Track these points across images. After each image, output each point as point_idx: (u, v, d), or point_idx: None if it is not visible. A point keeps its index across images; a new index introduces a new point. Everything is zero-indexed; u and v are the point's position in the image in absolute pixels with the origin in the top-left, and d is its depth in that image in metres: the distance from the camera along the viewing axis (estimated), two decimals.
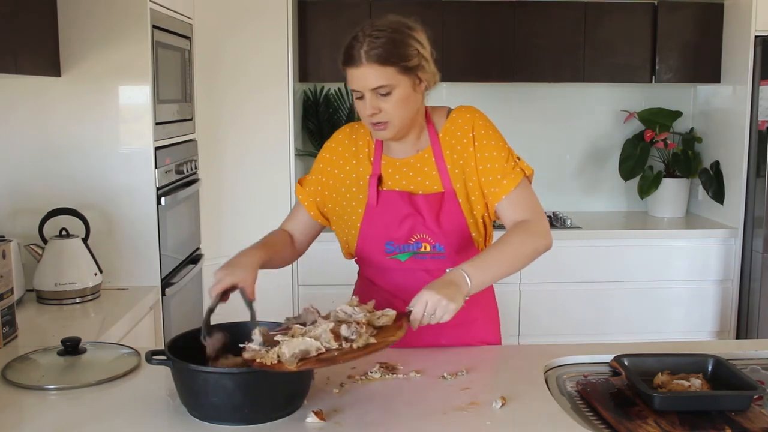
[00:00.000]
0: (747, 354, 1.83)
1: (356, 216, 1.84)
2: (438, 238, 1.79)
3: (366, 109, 1.71)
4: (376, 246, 1.82)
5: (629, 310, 4.00)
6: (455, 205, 1.79)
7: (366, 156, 1.86)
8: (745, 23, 3.85)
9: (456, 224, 1.80)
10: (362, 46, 1.67)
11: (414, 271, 1.81)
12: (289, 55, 3.68)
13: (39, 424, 1.43)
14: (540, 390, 1.58)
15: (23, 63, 2.26)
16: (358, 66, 1.68)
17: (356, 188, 1.85)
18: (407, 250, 1.81)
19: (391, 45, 1.68)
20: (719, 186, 4.09)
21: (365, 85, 1.69)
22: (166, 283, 2.71)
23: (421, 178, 1.82)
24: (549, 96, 4.47)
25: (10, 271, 1.95)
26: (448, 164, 1.81)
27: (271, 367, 1.36)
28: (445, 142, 1.83)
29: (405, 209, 1.79)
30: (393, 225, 1.80)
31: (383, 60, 1.67)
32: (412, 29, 1.75)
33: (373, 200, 1.81)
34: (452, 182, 1.80)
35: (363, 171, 1.85)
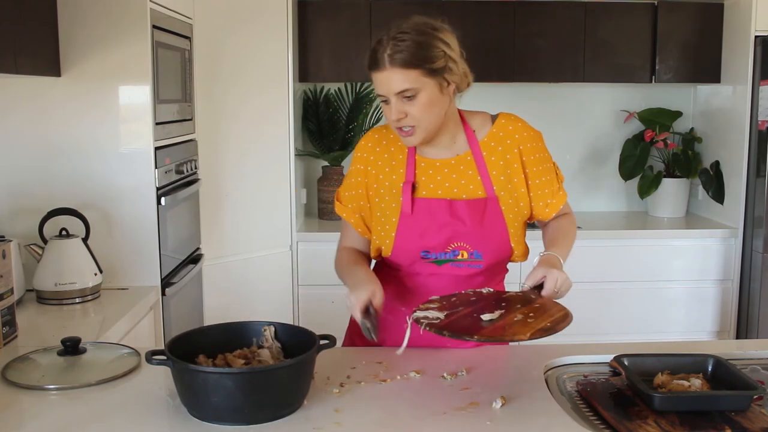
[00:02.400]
0: (747, 354, 1.83)
1: (390, 225, 1.79)
2: (477, 245, 1.77)
3: (392, 113, 1.68)
4: (412, 254, 1.79)
5: (629, 310, 4.00)
6: (498, 211, 1.77)
7: (400, 162, 1.81)
8: (745, 23, 3.85)
9: (498, 232, 1.78)
10: (386, 50, 1.64)
11: (448, 275, 1.80)
12: (289, 55, 3.68)
13: (39, 424, 1.43)
14: (540, 390, 1.58)
15: (23, 63, 2.26)
16: (381, 70, 1.65)
17: (390, 196, 1.80)
18: (444, 258, 1.78)
19: (415, 47, 1.64)
20: (719, 186, 4.09)
21: (389, 89, 1.66)
22: (166, 283, 2.71)
23: (465, 181, 1.78)
24: (549, 96, 4.47)
25: (10, 271, 1.95)
26: (493, 170, 1.79)
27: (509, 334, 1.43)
28: (489, 148, 1.80)
29: (443, 218, 1.76)
30: (429, 234, 1.76)
31: (407, 63, 1.63)
32: (438, 30, 1.71)
33: (407, 208, 1.77)
34: (495, 188, 1.78)
35: (397, 178, 1.80)
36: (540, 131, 1.87)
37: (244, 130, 3.55)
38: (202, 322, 3.23)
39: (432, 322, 1.50)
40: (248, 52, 3.52)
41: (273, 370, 1.44)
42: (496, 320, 1.52)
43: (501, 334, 1.43)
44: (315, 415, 1.44)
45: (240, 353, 1.55)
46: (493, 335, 1.43)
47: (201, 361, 1.50)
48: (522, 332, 1.44)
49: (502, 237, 1.78)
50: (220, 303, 3.36)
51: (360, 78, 4.13)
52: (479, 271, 1.79)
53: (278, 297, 3.69)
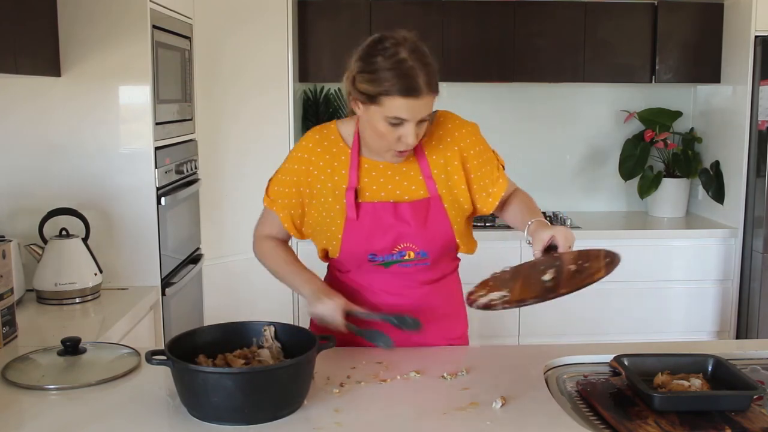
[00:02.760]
0: (747, 354, 1.83)
1: (336, 227, 1.78)
2: (423, 245, 1.78)
3: (410, 138, 1.64)
4: (359, 257, 1.79)
5: (629, 310, 4.00)
6: (441, 210, 1.78)
7: (342, 163, 1.78)
8: (745, 23, 3.85)
9: (442, 230, 1.79)
10: (419, 76, 1.60)
11: (395, 273, 1.81)
12: (289, 55, 3.68)
13: (39, 424, 1.43)
14: (540, 390, 1.58)
15: (23, 63, 2.26)
16: (420, 97, 1.60)
17: (333, 198, 1.77)
18: (391, 259, 1.79)
19: (434, 72, 1.64)
20: (719, 186, 4.09)
21: (418, 115, 1.63)
22: (166, 283, 2.71)
23: (407, 182, 1.78)
24: (549, 96, 4.47)
25: (10, 271, 1.95)
26: (434, 169, 1.78)
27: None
28: (430, 147, 1.79)
29: (388, 220, 1.75)
30: (375, 237, 1.76)
31: (437, 89, 1.64)
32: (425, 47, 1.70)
33: (352, 213, 1.75)
34: (438, 187, 1.78)
35: (339, 180, 1.77)
36: (476, 123, 1.86)
37: (244, 130, 3.55)
38: (202, 322, 3.23)
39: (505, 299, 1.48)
40: (248, 52, 3.52)
41: (273, 370, 1.44)
42: (558, 277, 1.51)
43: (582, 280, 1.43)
44: (315, 415, 1.44)
45: (240, 353, 1.55)
46: (579, 284, 1.43)
47: (201, 361, 1.50)
48: (597, 270, 1.45)
49: (447, 235, 1.79)
50: (220, 303, 3.36)
51: None
52: (426, 267, 1.81)
53: (278, 297, 3.69)
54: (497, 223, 4.05)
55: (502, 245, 3.75)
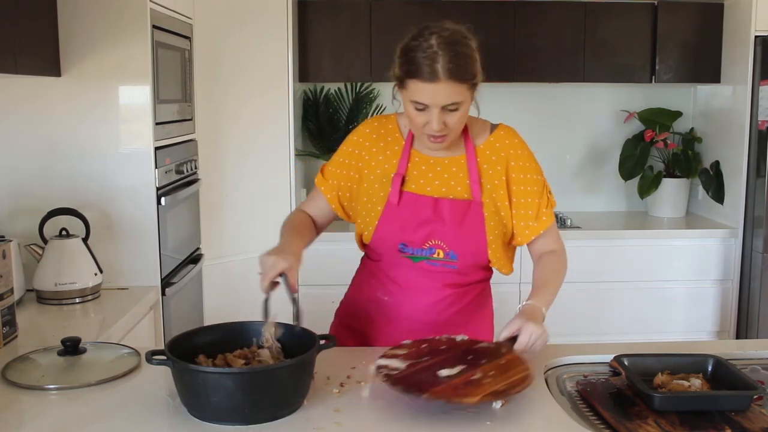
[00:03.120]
0: (747, 354, 1.83)
1: (375, 213, 1.81)
2: (453, 246, 1.77)
3: (433, 123, 1.65)
4: (390, 244, 1.80)
5: (629, 310, 4.00)
6: (480, 216, 1.77)
7: (395, 152, 1.82)
8: (745, 23, 3.86)
9: (476, 236, 1.77)
10: (436, 60, 1.59)
11: (422, 270, 1.81)
12: (289, 55, 3.68)
13: (39, 424, 1.43)
14: (540, 390, 1.58)
15: (23, 63, 2.26)
16: (433, 81, 1.60)
17: (379, 184, 1.81)
18: (420, 254, 1.79)
19: (463, 59, 1.62)
20: (719, 186, 4.09)
21: (438, 101, 1.62)
22: (166, 283, 2.71)
23: (454, 182, 1.79)
24: (549, 96, 4.47)
25: (10, 271, 1.95)
26: (483, 177, 1.79)
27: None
28: (484, 156, 1.80)
29: (425, 214, 1.77)
30: (410, 228, 1.77)
31: (460, 77, 1.61)
32: (472, 41, 1.69)
33: (394, 199, 1.78)
34: (482, 194, 1.78)
35: (389, 168, 1.81)
36: (532, 152, 1.85)
37: (244, 130, 3.55)
38: (202, 322, 3.22)
39: (390, 373, 1.49)
40: (248, 52, 3.52)
41: (273, 370, 1.44)
42: (454, 376, 1.49)
43: (450, 395, 1.41)
44: (315, 415, 1.44)
45: (240, 353, 1.55)
46: (442, 395, 1.41)
47: (201, 361, 1.50)
48: (473, 394, 1.41)
49: (480, 242, 1.78)
50: (220, 303, 3.36)
51: (360, 78, 4.13)
52: (453, 270, 1.80)
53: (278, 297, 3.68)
54: None
55: None
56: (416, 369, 1.52)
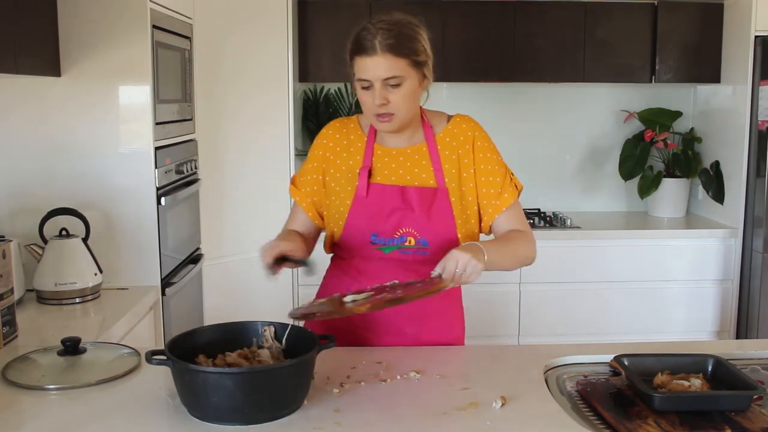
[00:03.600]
0: (747, 354, 1.83)
1: (344, 207, 1.85)
2: (424, 233, 1.81)
3: (375, 98, 1.73)
4: (361, 237, 1.83)
5: (629, 310, 4.00)
6: (446, 202, 1.82)
7: (358, 149, 1.88)
8: (745, 23, 3.85)
9: (445, 221, 1.82)
10: (376, 37, 1.71)
11: (395, 261, 1.83)
12: (289, 55, 3.68)
13: (39, 424, 1.43)
14: (540, 390, 1.58)
15: (23, 63, 2.26)
16: (371, 55, 1.70)
17: (345, 180, 1.87)
18: (392, 244, 1.82)
19: (404, 38, 1.73)
20: (719, 186, 4.09)
21: (377, 74, 1.71)
22: (166, 283, 2.71)
23: (418, 169, 1.84)
24: (549, 96, 4.47)
25: (10, 271, 1.95)
26: (445, 163, 1.84)
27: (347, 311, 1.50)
28: (444, 143, 1.86)
29: (394, 202, 1.81)
30: (380, 217, 1.81)
31: (397, 51, 1.71)
32: (419, 27, 1.80)
33: (362, 191, 1.83)
34: (446, 180, 1.83)
35: (354, 164, 1.87)
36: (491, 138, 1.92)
37: (244, 130, 3.55)
38: (202, 322, 3.22)
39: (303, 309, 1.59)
40: (248, 52, 3.52)
41: (273, 370, 1.44)
42: (360, 300, 1.55)
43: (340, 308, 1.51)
44: (315, 415, 1.44)
45: (240, 353, 1.55)
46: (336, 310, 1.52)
47: (201, 361, 1.50)
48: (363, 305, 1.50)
49: (449, 226, 1.82)
50: (220, 303, 3.36)
51: None
52: (425, 258, 1.81)
53: (278, 297, 3.69)
54: None
55: None
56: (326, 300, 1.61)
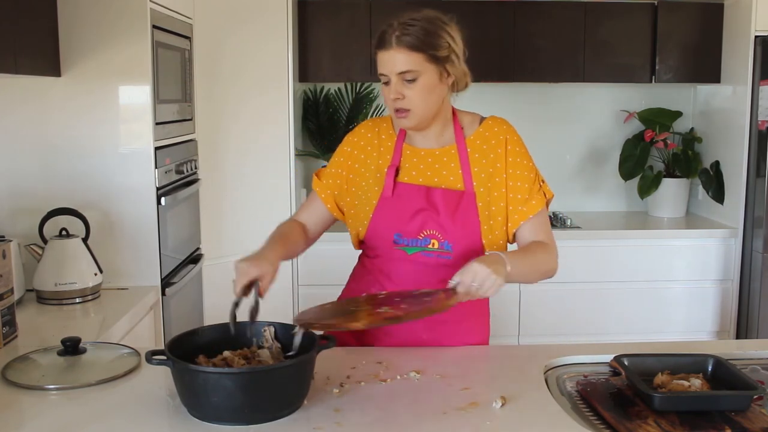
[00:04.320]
0: (747, 354, 1.83)
1: (370, 207, 1.83)
2: (448, 236, 1.78)
3: (390, 92, 1.74)
4: (385, 236, 1.82)
5: (629, 310, 4.00)
6: (473, 206, 1.79)
7: (388, 149, 1.87)
8: (745, 23, 3.86)
9: (470, 225, 1.78)
10: (394, 32, 1.73)
11: (417, 263, 1.81)
12: (289, 55, 3.68)
13: (39, 424, 1.43)
14: (540, 390, 1.58)
15: (23, 63, 2.26)
16: (387, 49, 1.73)
17: (373, 180, 1.85)
18: (415, 245, 1.80)
19: (422, 33, 1.73)
20: (719, 186, 4.09)
21: (392, 69, 1.73)
22: (166, 283, 2.71)
23: (446, 171, 1.82)
24: (549, 96, 4.47)
25: (10, 271, 1.95)
26: (474, 166, 1.81)
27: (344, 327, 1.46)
28: (474, 145, 1.84)
29: (419, 203, 1.79)
30: (404, 217, 1.80)
31: (412, 46, 1.71)
32: (447, 23, 1.80)
33: (388, 191, 1.82)
34: (474, 184, 1.80)
35: (382, 163, 1.86)
36: (524, 142, 1.90)
37: (244, 130, 3.55)
38: (202, 322, 3.22)
39: (310, 315, 1.56)
40: (248, 52, 3.53)
41: (273, 370, 1.44)
42: (360, 313, 1.54)
43: (341, 323, 1.47)
44: (315, 415, 1.44)
45: (240, 353, 1.55)
46: (333, 324, 1.48)
47: (201, 361, 1.50)
48: (360, 319, 1.47)
49: (474, 231, 1.79)
50: (220, 303, 3.34)
51: (360, 78, 4.13)
52: (448, 262, 1.79)
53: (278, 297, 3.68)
54: None
55: None
56: (329, 308, 1.60)
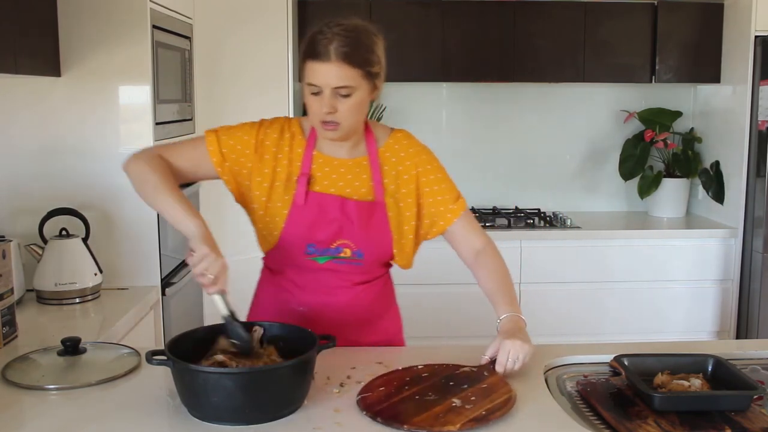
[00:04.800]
0: (747, 354, 1.83)
1: (280, 217, 1.79)
2: (361, 245, 1.79)
3: (323, 106, 1.68)
4: (297, 246, 1.79)
5: (629, 310, 4.00)
6: (384, 216, 1.80)
7: (297, 155, 1.81)
8: (745, 23, 3.86)
9: (382, 236, 1.80)
10: (332, 42, 1.65)
11: (328, 270, 1.81)
12: (289, 55, 3.68)
13: (39, 424, 1.43)
14: (540, 390, 1.58)
15: (23, 63, 2.26)
16: (324, 61, 1.65)
17: (284, 188, 1.79)
18: (327, 254, 1.79)
19: (361, 47, 1.68)
20: (719, 186, 4.09)
21: (328, 82, 1.66)
22: (166, 283, 2.71)
23: (358, 183, 1.80)
24: (549, 96, 4.47)
25: (10, 271, 1.95)
26: (385, 178, 1.81)
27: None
28: (385, 157, 1.83)
29: (333, 213, 1.77)
30: (318, 227, 1.77)
31: (352, 60, 1.65)
32: (377, 37, 1.74)
33: (300, 200, 1.77)
34: (384, 195, 1.81)
35: (293, 171, 1.80)
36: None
37: None
38: (202, 322, 3.22)
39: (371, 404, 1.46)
40: (248, 52, 3.52)
41: (273, 370, 1.44)
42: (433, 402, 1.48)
43: (431, 424, 1.39)
44: (315, 415, 1.44)
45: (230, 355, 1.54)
46: (423, 425, 1.38)
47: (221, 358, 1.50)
48: (453, 422, 1.39)
49: (385, 240, 1.80)
50: None
51: None
52: (359, 268, 1.81)
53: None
54: (497, 223, 4.05)
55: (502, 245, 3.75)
56: (398, 399, 1.50)
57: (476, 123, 4.44)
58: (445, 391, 1.52)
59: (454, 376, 1.60)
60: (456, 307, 3.79)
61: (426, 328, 3.68)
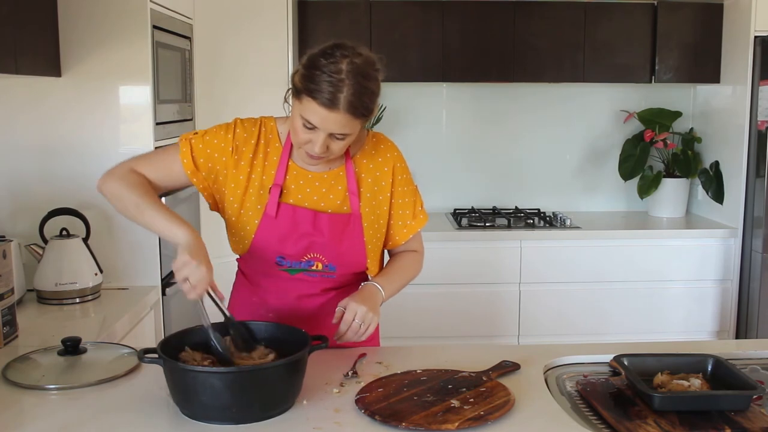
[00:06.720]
0: (747, 354, 1.84)
1: (251, 226, 1.77)
2: (332, 259, 1.78)
3: (315, 145, 1.64)
4: (267, 257, 1.78)
5: (629, 310, 4.00)
6: (359, 227, 1.78)
7: (273, 163, 1.78)
8: (745, 23, 3.86)
9: (355, 247, 1.79)
10: (341, 90, 1.57)
11: (299, 281, 1.80)
12: (289, 55, 3.68)
13: (39, 424, 1.43)
14: (540, 390, 1.58)
15: (23, 63, 2.26)
16: (332, 110, 1.58)
17: (256, 197, 1.77)
18: (298, 267, 1.78)
19: (366, 95, 1.61)
20: (719, 186, 4.09)
21: (328, 128, 1.61)
22: (167, 283, 2.71)
23: (333, 195, 1.78)
24: (549, 96, 4.47)
25: (10, 271, 1.95)
26: (361, 187, 1.80)
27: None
28: (361, 164, 1.81)
29: (305, 228, 1.75)
30: (289, 241, 1.75)
31: (357, 112, 1.60)
32: (380, 72, 1.67)
33: (272, 211, 1.75)
34: (361, 205, 1.79)
35: (266, 180, 1.77)
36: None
37: None
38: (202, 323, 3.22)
39: (369, 403, 1.47)
40: (248, 52, 3.53)
41: (260, 370, 1.45)
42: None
43: (429, 423, 1.38)
44: (315, 415, 1.44)
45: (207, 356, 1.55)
46: (421, 424, 1.38)
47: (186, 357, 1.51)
48: (451, 421, 1.39)
49: (359, 253, 1.79)
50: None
51: None
52: (331, 281, 1.81)
53: None
54: (497, 223, 4.05)
55: (502, 245, 3.76)
56: (396, 399, 1.50)
57: (476, 123, 4.44)
58: (444, 393, 1.53)
59: (453, 380, 1.60)
60: (456, 307, 3.79)
61: (426, 328, 3.69)
